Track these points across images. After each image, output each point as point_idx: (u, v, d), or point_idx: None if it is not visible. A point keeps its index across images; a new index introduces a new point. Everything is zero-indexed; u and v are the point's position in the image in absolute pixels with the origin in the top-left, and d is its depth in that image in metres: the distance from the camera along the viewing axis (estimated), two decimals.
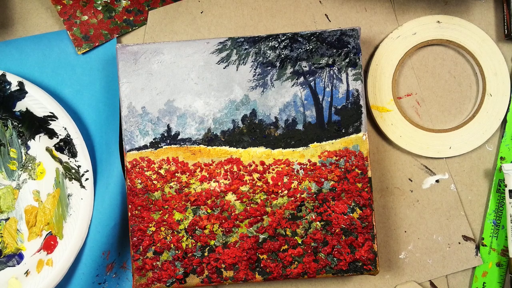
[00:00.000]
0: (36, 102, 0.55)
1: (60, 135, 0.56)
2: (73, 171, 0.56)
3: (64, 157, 0.56)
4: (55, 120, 0.55)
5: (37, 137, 0.57)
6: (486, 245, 0.60)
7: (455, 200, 0.60)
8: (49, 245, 0.56)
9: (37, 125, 0.57)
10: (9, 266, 0.57)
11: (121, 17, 0.59)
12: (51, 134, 0.56)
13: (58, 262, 0.55)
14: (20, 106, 0.56)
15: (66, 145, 0.56)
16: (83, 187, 0.56)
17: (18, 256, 0.57)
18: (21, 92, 0.55)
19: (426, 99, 0.60)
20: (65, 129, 0.55)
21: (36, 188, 0.58)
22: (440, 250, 0.59)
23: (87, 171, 0.56)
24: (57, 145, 0.56)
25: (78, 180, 0.56)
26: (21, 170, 0.58)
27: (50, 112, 0.55)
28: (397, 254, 0.59)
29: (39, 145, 0.57)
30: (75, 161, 0.56)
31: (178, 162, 0.55)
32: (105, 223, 0.56)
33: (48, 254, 0.56)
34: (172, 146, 0.55)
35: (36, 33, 0.60)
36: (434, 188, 0.60)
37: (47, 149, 0.57)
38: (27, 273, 0.56)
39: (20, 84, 0.55)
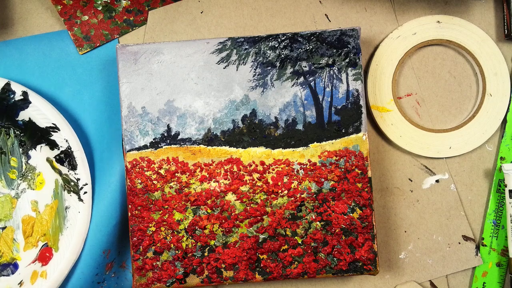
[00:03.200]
0: (39, 112, 0.55)
1: (61, 146, 0.56)
2: (72, 183, 0.56)
3: (64, 169, 0.56)
4: (57, 132, 0.55)
5: (38, 147, 0.57)
6: (486, 245, 0.60)
7: (455, 200, 0.60)
8: (44, 256, 0.56)
9: (39, 135, 0.56)
10: (4, 275, 0.57)
11: (121, 17, 0.60)
12: (53, 145, 0.56)
13: (52, 274, 0.55)
14: (23, 115, 0.56)
15: (66, 157, 0.56)
16: (81, 200, 0.56)
17: (13, 266, 0.57)
18: (25, 102, 0.55)
19: (426, 99, 0.60)
20: (67, 141, 0.55)
21: (35, 198, 0.58)
22: (440, 250, 0.59)
23: (86, 184, 0.56)
24: (57, 157, 0.56)
25: (77, 193, 0.56)
26: (20, 179, 0.58)
27: (53, 124, 0.55)
28: (397, 254, 0.59)
29: (40, 155, 0.57)
30: (75, 173, 0.56)
31: (178, 162, 0.55)
32: (107, 221, 0.57)
33: (43, 266, 0.56)
34: (172, 146, 0.55)
35: (36, 33, 0.60)
36: (434, 188, 0.60)
37: (48, 160, 0.57)
38: (21, 283, 0.56)
39: (24, 94, 0.55)
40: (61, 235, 0.56)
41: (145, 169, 0.55)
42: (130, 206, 0.55)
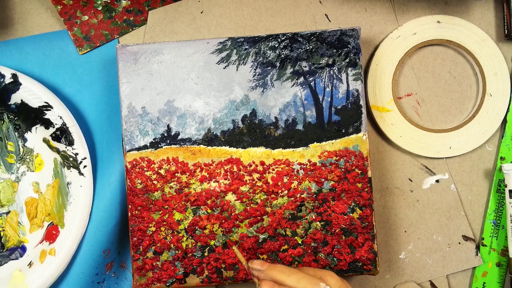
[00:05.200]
0: (31, 93, 0.55)
1: (56, 124, 0.56)
2: (71, 159, 0.56)
3: (62, 146, 0.56)
4: (50, 110, 0.56)
5: (33, 128, 0.58)
6: (486, 245, 0.60)
7: (455, 200, 0.60)
8: (51, 235, 0.57)
9: (32, 116, 0.57)
10: (12, 259, 0.57)
11: (121, 17, 0.59)
12: (47, 124, 0.56)
13: (60, 251, 0.55)
14: (15, 98, 0.56)
15: (62, 134, 0.56)
16: (82, 174, 0.56)
17: (20, 249, 0.58)
18: (15, 84, 0.55)
19: (426, 99, 0.60)
20: (61, 117, 0.56)
21: (35, 179, 0.58)
22: (440, 250, 0.59)
23: (85, 158, 0.56)
24: (53, 135, 0.57)
25: (77, 167, 0.56)
26: (19, 163, 0.58)
27: (45, 102, 0.56)
28: (397, 254, 0.59)
29: (36, 136, 0.58)
30: (72, 149, 0.56)
31: (178, 162, 0.55)
32: (107, 221, 0.57)
33: (51, 244, 0.56)
34: (172, 146, 0.55)
35: (36, 33, 0.60)
36: (434, 188, 0.60)
37: (44, 140, 0.57)
38: (30, 264, 0.56)
39: (14, 76, 0.55)
40: (65, 211, 0.57)
41: (145, 169, 0.55)
42: (130, 206, 0.55)
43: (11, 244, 0.58)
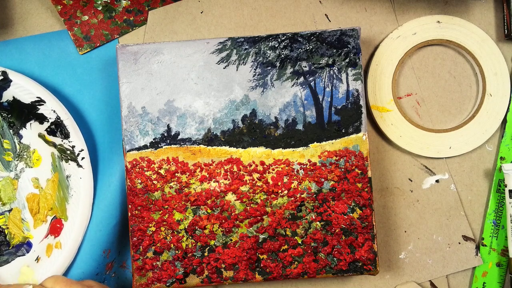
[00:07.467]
0: (22, 89, 0.55)
1: (50, 118, 0.56)
2: (68, 152, 0.56)
3: (58, 140, 0.56)
4: (43, 104, 0.56)
5: (28, 125, 0.57)
6: (486, 245, 0.60)
7: (455, 200, 0.60)
8: (56, 228, 0.57)
9: (26, 112, 0.57)
10: (19, 256, 0.58)
11: (121, 17, 0.60)
12: (41, 119, 0.56)
13: (66, 243, 0.56)
14: (7, 95, 0.56)
15: (57, 128, 0.56)
16: (80, 166, 0.56)
17: (26, 245, 0.58)
18: (6, 81, 0.55)
19: (426, 99, 0.60)
20: (54, 111, 0.55)
21: (35, 175, 0.58)
22: (440, 250, 0.59)
23: (82, 150, 0.56)
24: (48, 129, 0.56)
25: (75, 160, 0.56)
26: (17, 160, 0.58)
27: (37, 97, 0.55)
28: (397, 254, 0.59)
29: (31, 132, 0.58)
30: (69, 141, 0.56)
31: (178, 162, 0.55)
32: (107, 221, 0.57)
33: (56, 238, 0.56)
34: (172, 146, 0.55)
35: (36, 33, 0.60)
36: (434, 188, 0.60)
37: (40, 135, 0.57)
38: (37, 259, 0.56)
39: (4, 73, 0.55)
40: (67, 204, 0.57)
41: (145, 169, 0.55)
42: (130, 206, 0.55)
43: (16, 241, 0.58)
